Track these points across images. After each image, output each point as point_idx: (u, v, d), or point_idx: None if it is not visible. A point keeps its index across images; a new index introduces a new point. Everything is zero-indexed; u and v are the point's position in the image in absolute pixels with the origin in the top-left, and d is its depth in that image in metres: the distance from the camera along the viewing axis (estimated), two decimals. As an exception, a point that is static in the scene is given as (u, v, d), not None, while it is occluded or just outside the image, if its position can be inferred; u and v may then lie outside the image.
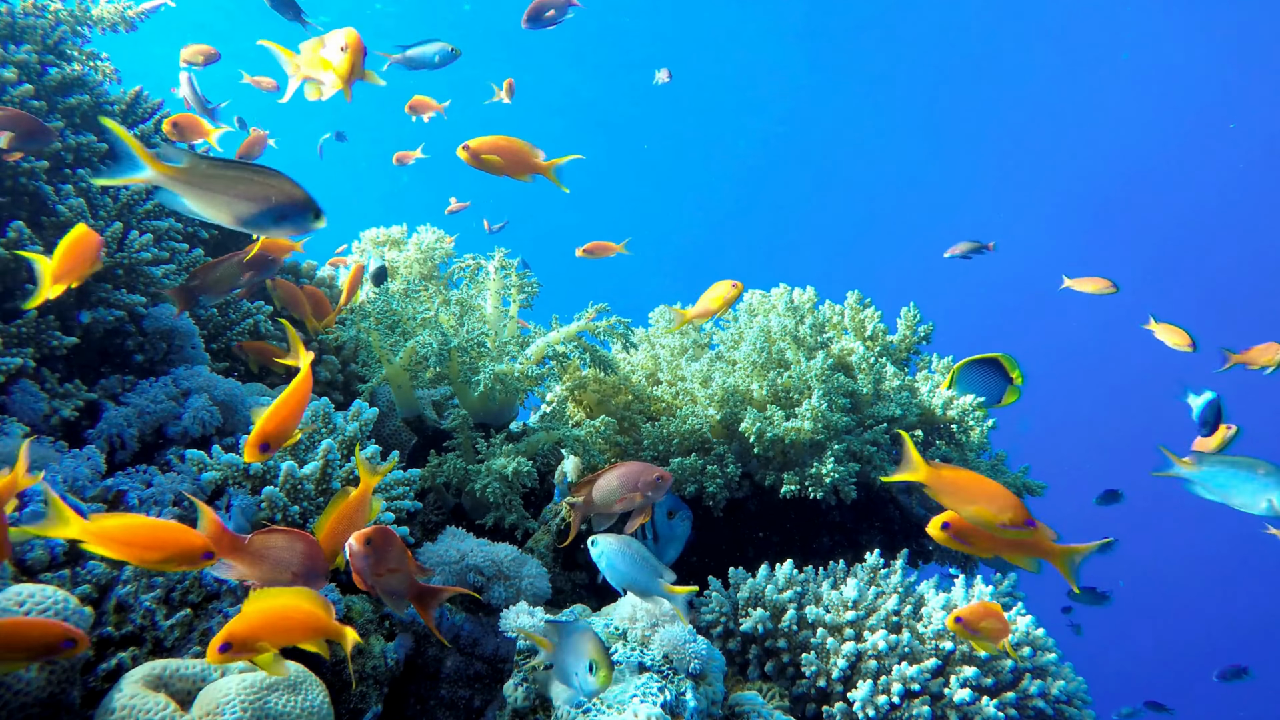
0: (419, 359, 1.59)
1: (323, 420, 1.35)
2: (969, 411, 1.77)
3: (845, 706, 1.25)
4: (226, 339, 1.78)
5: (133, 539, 0.73)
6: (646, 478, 1.11)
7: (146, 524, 0.75)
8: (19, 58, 1.51)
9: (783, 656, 1.33)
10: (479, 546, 1.36)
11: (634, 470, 1.12)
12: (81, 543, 0.73)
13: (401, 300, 1.66)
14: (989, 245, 3.04)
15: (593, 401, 1.85)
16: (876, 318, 1.88)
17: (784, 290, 1.94)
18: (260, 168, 0.84)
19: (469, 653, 1.31)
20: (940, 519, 0.98)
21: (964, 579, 1.44)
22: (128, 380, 1.41)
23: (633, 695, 1.01)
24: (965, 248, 3.06)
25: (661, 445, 1.69)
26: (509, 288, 1.73)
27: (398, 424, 1.89)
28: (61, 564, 1.04)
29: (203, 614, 1.07)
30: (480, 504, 1.59)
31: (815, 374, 1.62)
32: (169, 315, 1.50)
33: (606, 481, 1.13)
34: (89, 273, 1.10)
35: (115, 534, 0.71)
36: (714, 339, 2.06)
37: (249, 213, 0.84)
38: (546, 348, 1.63)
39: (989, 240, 3.07)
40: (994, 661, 1.30)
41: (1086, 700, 1.33)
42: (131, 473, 1.22)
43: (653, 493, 1.11)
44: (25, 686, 0.86)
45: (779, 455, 1.64)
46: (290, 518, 1.20)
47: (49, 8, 1.63)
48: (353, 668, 1.06)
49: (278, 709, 0.89)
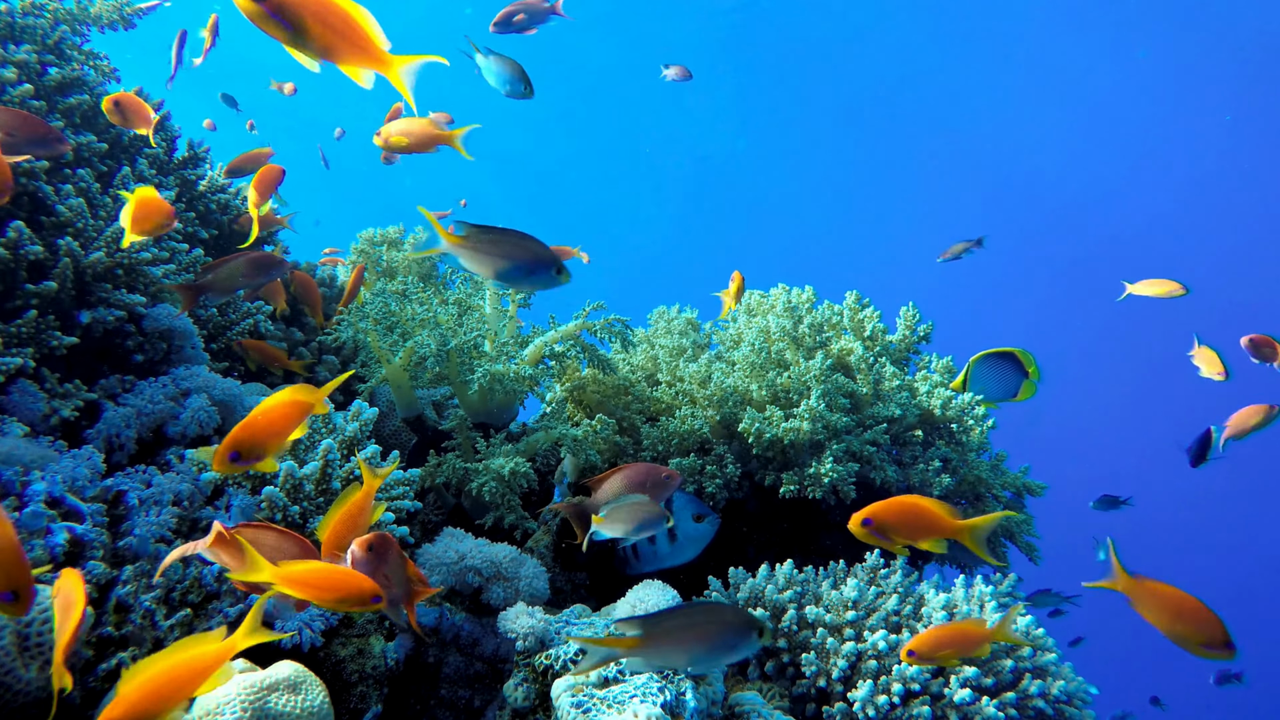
0: (418, 359, 1.59)
1: (323, 420, 1.35)
2: (968, 411, 1.77)
3: (845, 706, 1.25)
4: (226, 339, 1.78)
5: (314, 582, 0.83)
6: (655, 477, 1.10)
7: (326, 570, 0.85)
8: (19, 58, 1.51)
9: (783, 656, 1.34)
10: (477, 547, 1.37)
11: (641, 471, 1.11)
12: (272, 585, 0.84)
13: (399, 301, 1.66)
14: (978, 241, 3.04)
15: (592, 402, 1.85)
16: (875, 318, 1.88)
17: (782, 290, 1.94)
18: (517, 233, 1.02)
19: (469, 653, 1.31)
20: (861, 515, 0.98)
21: (964, 579, 1.44)
22: (127, 380, 1.41)
23: (632, 695, 1.01)
24: (958, 249, 3.07)
25: (661, 445, 1.69)
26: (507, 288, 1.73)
27: (398, 424, 1.89)
28: (61, 564, 1.04)
29: (203, 614, 1.07)
30: (480, 504, 1.59)
31: (814, 374, 1.62)
32: (169, 315, 1.50)
33: (612, 484, 1.12)
34: (163, 227, 1.20)
35: (299, 578, 0.83)
36: (713, 339, 2.06)
37: (505, 268, 1.02)
38: (545, 347, 1.63)
39: (976, 236, 3.07)
40: (994, 661, 1.30)
41: (1086, 700, 1.33)
42: (131, 473, 1.22)
43: (662, 492, 1.11)
44: (25, 686, 0.86)
45: (778, 455, 1.64)
46: (290, 518, 1.20)
47: (48, 7, 1.63)
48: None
49: (278, 709, 0.89)
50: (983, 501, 1.83)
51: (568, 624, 1.19)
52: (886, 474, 1.64)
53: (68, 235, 1.37)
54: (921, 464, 1.70)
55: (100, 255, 1.37)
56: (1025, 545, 1.84)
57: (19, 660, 0.86)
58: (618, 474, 1.13)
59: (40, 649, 0.88)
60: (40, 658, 0.88)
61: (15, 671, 0.85)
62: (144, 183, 1.62)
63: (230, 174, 1.88)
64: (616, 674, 1.05)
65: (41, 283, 1.32)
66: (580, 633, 1.15)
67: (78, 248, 1.35)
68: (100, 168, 1.62)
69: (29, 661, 0.87)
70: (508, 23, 1.76)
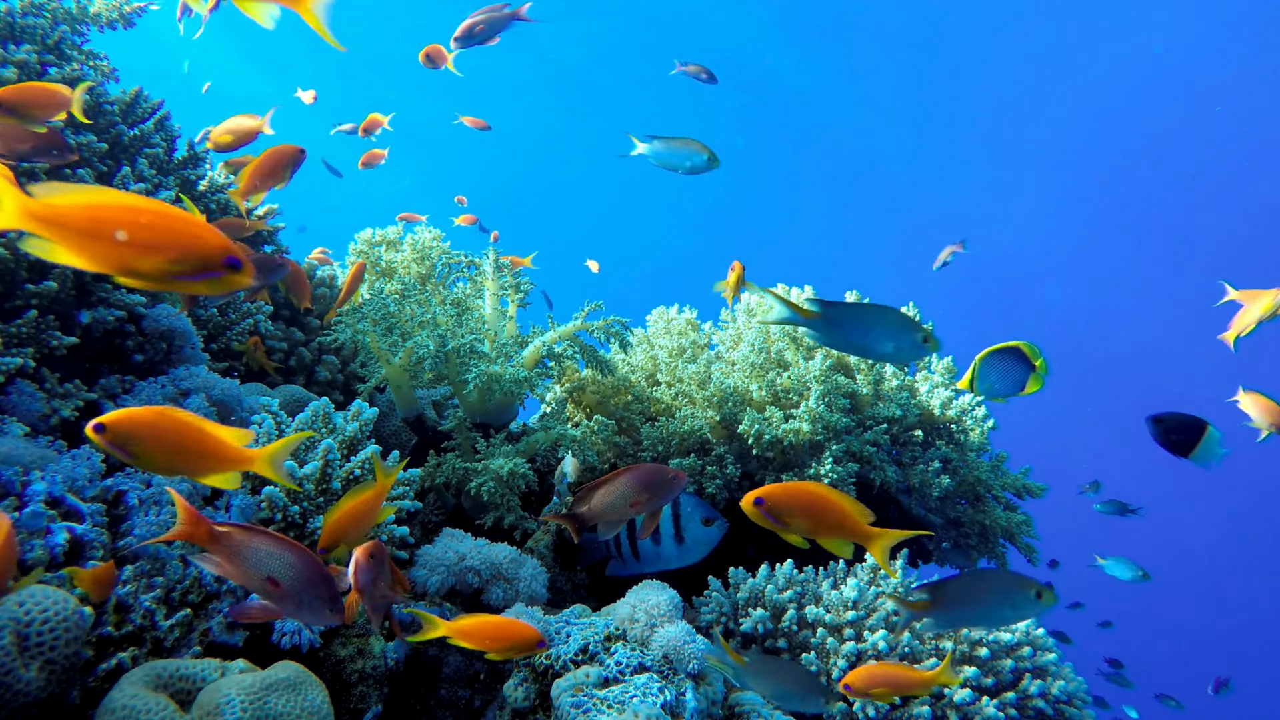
0: (417, 360, 1.59)
1: (323, 420, 1.35)
2: (969, 411, 1.77)
3: (845, 707, 1.25)
4: (226, 339, 1.78)
5: (486, 634, 0.94)
6: (662, 478, 1.05)
7: (494, 624, 0.96)
8: (19, 58, 1.51)
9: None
10: (477, 548, 1.36)
11: (648, 472, 1.06)
12: (448, 638, 0.95)
13: (398, 302, 1.66)
14: (960, 244, 3.07)
15: (592, 402, 1.85)
16: (876, 318, 1.88)
17: (783, 290, 1.94)
18: (875, 307, 1.03)
19: (469, 653, 1.31)
20: (755, 494, 0.93)
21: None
22: (127, 380, 1.41)
23: (633, 695, 1.01)
24: (946, 254, 3.09)
25: (661, 446, 1.69)
26: (506, 288, 1.73)
27: (398, 424, 1.89)
28: (61, 564, 1.04)
29: (203, 614, 1.07)
30: (479, 504, 1.59)
31: (814, 375, 1.62)
32: (168, 315, 1.50)
33: (616, 487, 1.06)
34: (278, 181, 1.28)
35: (471, 631, 0.94)
36: (713, 339, 2.06)
37: (872, 346, 1.03)
38: (544, 348, 1.63)
39: (959, 239, 3.11)
40: (994, 661, 1.30)
41: (1086, 700, 1.33)
42: (131, 473, 1.22)
43: (669, 493, 1.06)
44: (25, 686, 0.86)
45: (778, 456, 1.64)
46: (290, 518, 1.20)
47: (48, 7, 1.63)
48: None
49: (277, 709, 0.89)
50: (982, 502, 1.83)
51: (568, 624, 1.19)
52: (886, 474, 1.64)
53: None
54: (921, 464, 1.70)
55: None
56: (1025, 547, 1.84)
57: (19, 660, 0.86)
58: (621, 477, 1.07)
59: (40, 649, 0.88)
60: (40, 658, 0.88)
61: (15, 671, 0.85)
62: (144, 183, 1.62)
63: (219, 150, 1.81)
64: (617, 674, 1.05)
65: (41, 283, 1.32)
66: (581, 632, 1.15)
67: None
68: (100, 168, 1.61)
69: (29, 661, 0.87)
70: (469, 36, 1.71)
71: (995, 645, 1.30)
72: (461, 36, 1.73)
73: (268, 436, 1.27)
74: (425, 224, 2.18)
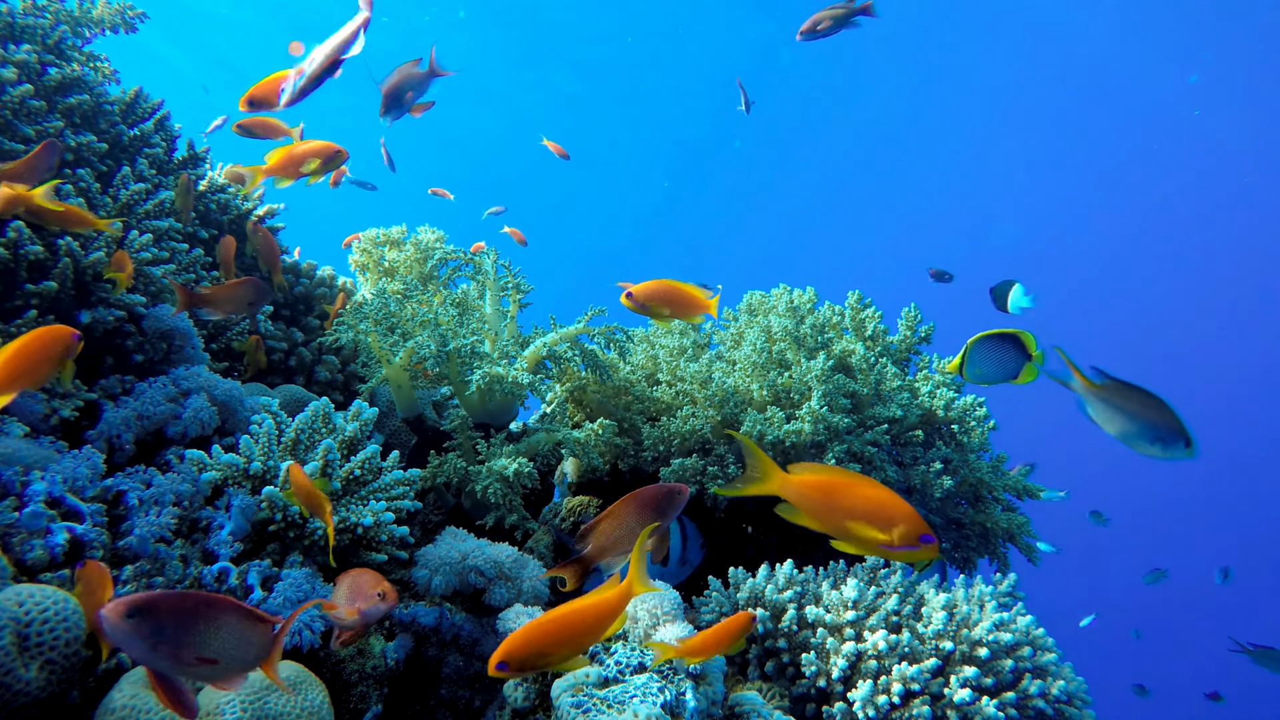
0: (418, 360, 1.59)
1: (323, 420, 1.35)
2: (970, 412, 1.77)
3: (845, 706, 1.25)
4: (226, 339, 1.78)
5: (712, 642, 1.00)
6: (666, 496, 0.98)
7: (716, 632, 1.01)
8: (19, 58, 1.51)
9: (783, 656, 1.33)
10: (479, 548, 1.36)
11: (649, 495, 0.98)
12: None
13: (399, 302, 1.66)
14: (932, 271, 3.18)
15: (593, 402, 1.85)
16: (877, 318, 1.88)
17: (784, 290, 1.94)
18: (1156, 397, 0.99)
19: (469, 653, 1.31)
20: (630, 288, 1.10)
21: (964, 579, 1.44)
22: (127, 381, 1.41)
23: (632, 695, 1.01)
24: (934, 274, 3.16)
25: (662, 446, 1.69)
26: (507, 288, 1.73)
27: (398, 424, 1.89)
28: (61, 564, 1.04)
29: (202, 614, 1.07)
30: (480, 504, 1.59)
31: (815, 375, 1.62)
32: (168, 315, 1.50)
33: (621, 519, 0.98)
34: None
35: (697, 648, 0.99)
36: (714, 339, 2.06)
37: (1132, 430, 1.00)
38: (544, 348, 1.63)
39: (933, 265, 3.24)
40: (994, 661, 1.30)
41: (1087, 700, 1.33)
42: (131, 473, 1.22)
43: (674, 510, 0.99)
44: (25, 686, 0.86)
45: (779, 456, 1.64)
46: (290, 518, 1.20)
47: (49, 8, 1.63)
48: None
49: (277, 709, 0.89)
50: (983, 503, 1.83)
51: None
52: (887, 474, 1.64)
53: (68, 235, 1.37)
54: (922, 465, 1.70)
55: (100, 255, 1.37)
56: (1025, 546, 1.84)
57: (19, 660, 0.86)
58: (622, 508, 0.97)
59: (40, 649, 0.88)
60: (40, 657, 0.87)
61: (15, 671, 0.85)
62: (143, 183, 1.62)
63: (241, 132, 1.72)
64: (617, 674, 1.05)
65: (41, 283, 1.32)
66: None
67: (78, 248, 1.35)
68: (100, 168, 1.62)
69: (29, 661, 0.87)
70: (399, 102, 1.49)
71: (995, 645, 1.30)
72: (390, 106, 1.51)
73: (267, 436, 1.27)
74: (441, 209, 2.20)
